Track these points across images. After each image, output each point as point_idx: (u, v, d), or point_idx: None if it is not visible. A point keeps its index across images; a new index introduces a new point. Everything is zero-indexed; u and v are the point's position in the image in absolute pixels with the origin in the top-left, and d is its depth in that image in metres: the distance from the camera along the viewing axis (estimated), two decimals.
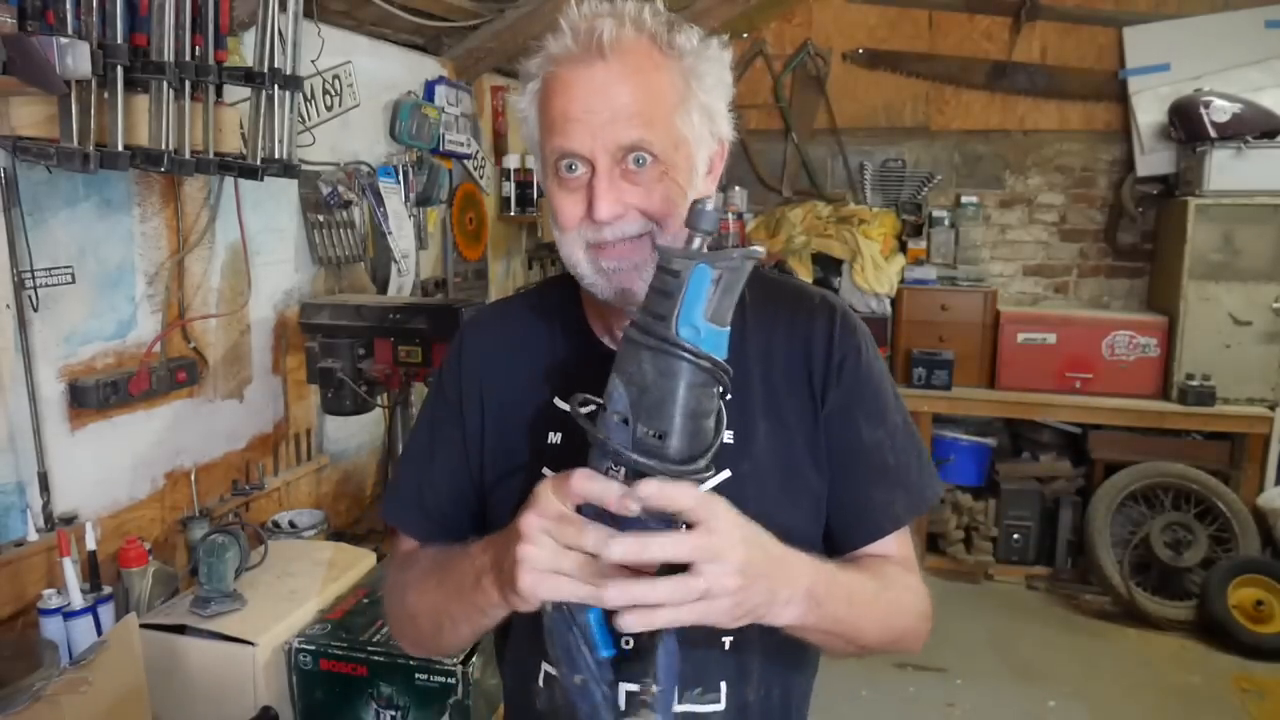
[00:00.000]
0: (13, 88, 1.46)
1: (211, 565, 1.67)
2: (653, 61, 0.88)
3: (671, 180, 0.89)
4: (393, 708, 1.55)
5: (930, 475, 1.04)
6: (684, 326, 0.70)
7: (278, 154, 1.98)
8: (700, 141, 0.92)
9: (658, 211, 0.89)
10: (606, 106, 0.86)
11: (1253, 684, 3.21)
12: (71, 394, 1.77)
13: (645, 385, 0.71)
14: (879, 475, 0.99)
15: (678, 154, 0.89)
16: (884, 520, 0.99)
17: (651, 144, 0.87)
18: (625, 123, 0.86)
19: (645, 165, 0.88)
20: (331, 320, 2.27)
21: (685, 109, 0.90)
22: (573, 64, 0.88)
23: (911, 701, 3.09)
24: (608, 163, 0.87)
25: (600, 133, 0.86)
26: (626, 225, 0.89)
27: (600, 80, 0.86)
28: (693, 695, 0.95)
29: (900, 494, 1.00)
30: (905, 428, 1.02)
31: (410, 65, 3.06)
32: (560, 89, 0.88)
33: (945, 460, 4.14)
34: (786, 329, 1.00)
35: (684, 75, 0.90)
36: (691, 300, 0.70)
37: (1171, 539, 3.67)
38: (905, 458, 1.01)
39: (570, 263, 0.93)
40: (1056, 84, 4.27)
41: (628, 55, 0.87)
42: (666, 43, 0.89)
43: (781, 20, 4.53)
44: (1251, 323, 3.70)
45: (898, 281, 4.12)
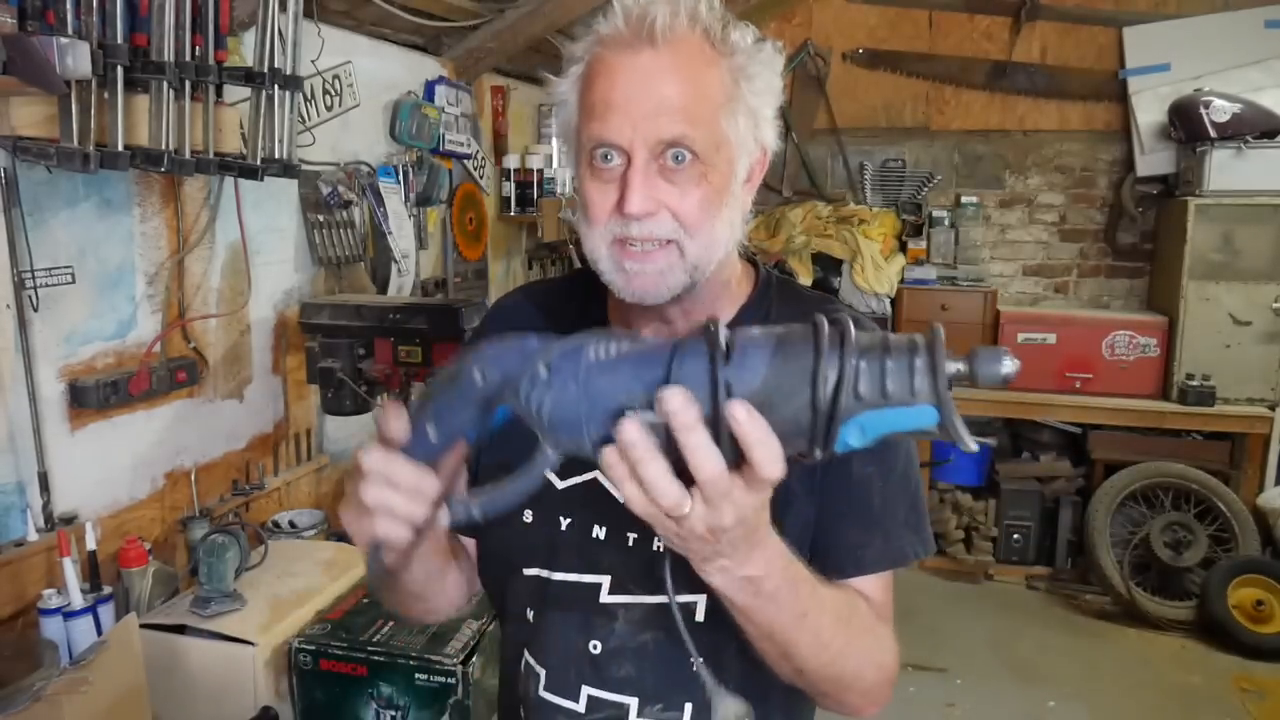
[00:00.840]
0: (13, 88, 1.46)
1: (211, 565, 1.67)
2: (704, 56, 0.85)
3: (709, 184, 0.86)
4: (393, 708, 1.55)
5: (917, 532, 0.96)
6: (853, 430, 0.60)
7: (278, 154, 1.98)
8: (743, 145, 0.89)
9: (690, 217, 0.86)
10: (651, 97, 0.83)
11: (1253, 684, 3.21)
12: (71, 394, 1.77)
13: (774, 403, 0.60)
14: (858, 514, 0.93)
15: (719, 155, 0.86)
16: (848, 562, 0.93)
17: (694, 141, 0.83)
18: (669, 116, 0.83)
19: (684, 163, 0.84)
20: (331, 320, 2.27)
21: (731, 109, 0.86)
22: (620, 48, 0.84)
23: (911, 701, 3.09)
24: (645, 155, 0.84)
25: (641, 123, 0.83)
26: (656, 225, 0.85)
27: (647, 68, 0.83)
28: (653, 710, 0.94)
29: (877, 540, 0.93)
30: (904, 475, 0.95)
31: (410, 65, 3.06)
32: (604, 73, 0.85)
33: (945, 460, 4.14)
34: None
35: (734, 74, 0.86)
36: (891, 420, 0.59)
37: (1171, 539, 3.67)
38: (893, 505, 0.94)
39: (593, 257, 0.90)
40: (1056, 84, 4.27)
41: (679, 46, 0.84)
42: (720, 38, 0.86)
43: (781, 20, 4.53)
44: (1251, 323, 3.70)
45: (898, 281, 4.12)
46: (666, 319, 0.94)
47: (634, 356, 0.64)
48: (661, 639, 0.93)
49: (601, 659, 0.95)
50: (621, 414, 0.62)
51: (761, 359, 0.60)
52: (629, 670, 0.94)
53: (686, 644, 0.78)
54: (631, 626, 0.93)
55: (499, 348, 0.69)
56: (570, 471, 0.95)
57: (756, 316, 0.97)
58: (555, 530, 0.96)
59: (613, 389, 0.63)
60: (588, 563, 0.95)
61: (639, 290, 0.88)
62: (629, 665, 0.94)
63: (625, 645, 0.94)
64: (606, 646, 0.94)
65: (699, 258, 0.87)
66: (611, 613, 0.94)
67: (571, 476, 0.96)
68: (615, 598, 0.94)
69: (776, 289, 1.01)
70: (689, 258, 0.87)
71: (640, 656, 0.94)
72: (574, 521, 0.96)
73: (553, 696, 0.97)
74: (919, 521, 0.97)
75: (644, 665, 0.94)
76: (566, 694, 0.96)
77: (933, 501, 4.15)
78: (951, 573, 4.09)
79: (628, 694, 0.94)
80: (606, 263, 0.89)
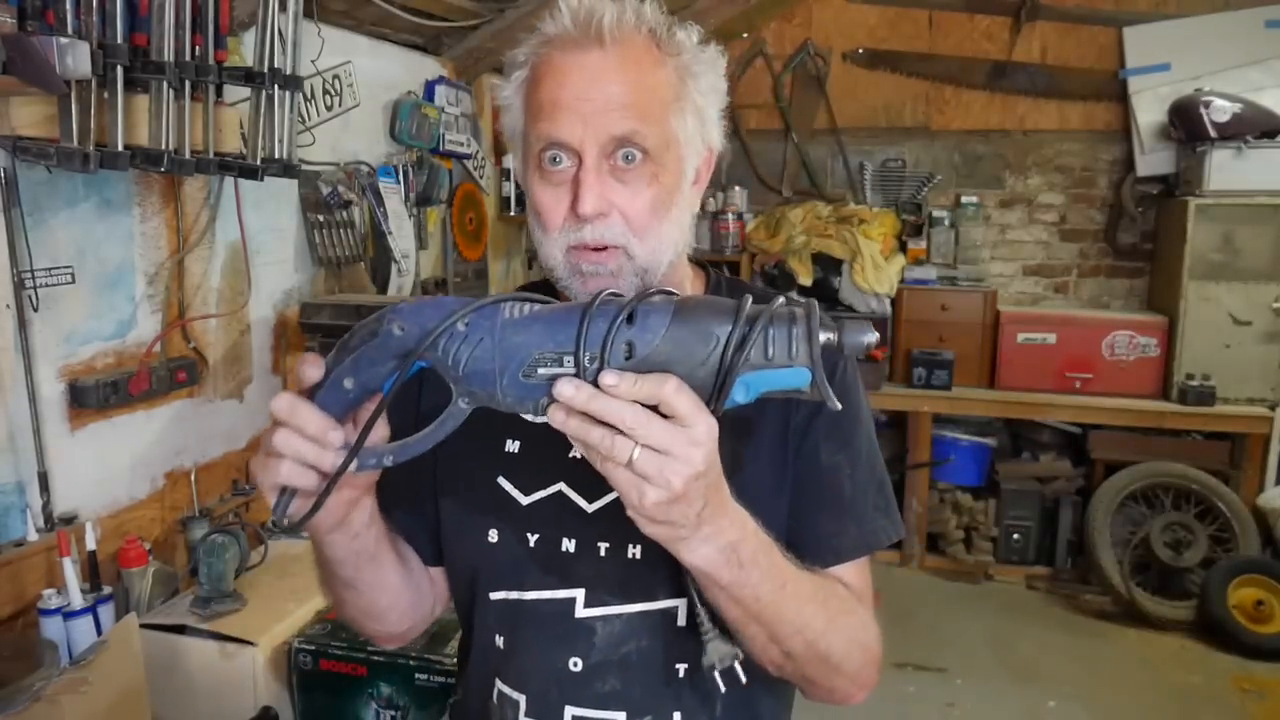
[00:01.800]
0: (13, 88, 1.46)
1: (211, 565, 1.67)
2: (651, 55, 0.85)
3: (660, 184, 0.86)
4: (393, 708, 1.55)
5: (887, 515, 0.97)
6: (739, 388, 0.67)
7: (278, 154, 1.98)
8: (690, 145, 0.89)
9: (640, 219, 0.85)
10: (600, 94, 0.82)
11: (1253, 684, 3.20)
12: (71, 394, 1.77)
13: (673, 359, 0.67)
14: (831, 503, 0.93)
15: (669, 154, 0.86)
16: (826, 551, 0.93)
17: (645, 139, 0.83)
18: (619, 113, 0.82)
19: (635, 162, 0.84)
20: (331, 320, 2.27)
21: (680, 108, 0.86)
22: (567, 48, 0.83)
23: (911, 701, 3.09)
24: (596, 155, 0.83)
25: (591, 121, 0.82)
26: (608, 229, 0.85)
27: (596, 67, 0.82)
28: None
29: (850, 527, 0.94)
30: (869, 460, 0.96)
31: (410, 65, 3.06)
32: (551, 73, 0.84)
33: (945, 460, 4.14)
34: None
35: (680, 74, 0.86)
36: (771, 380, 0.67)
37: (1171, 539, 3.67)
38: (864, 491, 0.95)
39: (548, 265, 0.89)
40: (1056, 84, 4.27)
41: (626, 45, 0.83)
42: (666, 38, 0.86)
43: (781, 20, 4.53)
44: (1251, 323, 3.70)
45: (898, 281, 4.11)
46: None
47: (547, 316, 0.69)
48: (645, 648, 0.91)
49: (583, 676, 0.92)
50: (534, 368, 0.68)
51: (661, 322, 0.67)
52: (614, 684, 0.92)
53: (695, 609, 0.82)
54: (612, 638, 0.91)
55: (419, 304, 0.73)
56: (534, 487, 0.94)
57: None
58: (523, 548, 0.93)
59: (525, 344, 0.68)
60: (560, 578, 0.92)
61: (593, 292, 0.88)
62: (613, 679, 0.92)
63: (607, 659, 0.91)
64: (588, 662, 0.92)
65: (647, 260, 0.87)
66: (590, 626, 0.91)
67: (536, 492, 0.94)
68: (592, 610, 0.91)
69: (727, 289, 1.01)
70: (637, 260, 0.87)
71: (624, 668, 0.91)
72: (541, 537, 0.93)
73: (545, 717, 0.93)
74: (888, 505, 0.98)
75: (628, 677, 0.92)
76: (549, 718, 0.93)
77: (933, 501, 4.15)
78: (951, 573, 4.09)
79: (614, 709, 0.92)
80: (563, 269, 0.88)
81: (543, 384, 0.69)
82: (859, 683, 0.92)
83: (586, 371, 0.67)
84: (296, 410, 0.73)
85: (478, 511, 0.95)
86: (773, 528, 0.88)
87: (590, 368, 0.67)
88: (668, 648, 0.91)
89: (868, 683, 0.93)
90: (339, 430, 0.74)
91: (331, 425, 0.73)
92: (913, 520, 4.11)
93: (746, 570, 0.77)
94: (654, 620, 0.91)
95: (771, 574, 0.79)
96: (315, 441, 0.73)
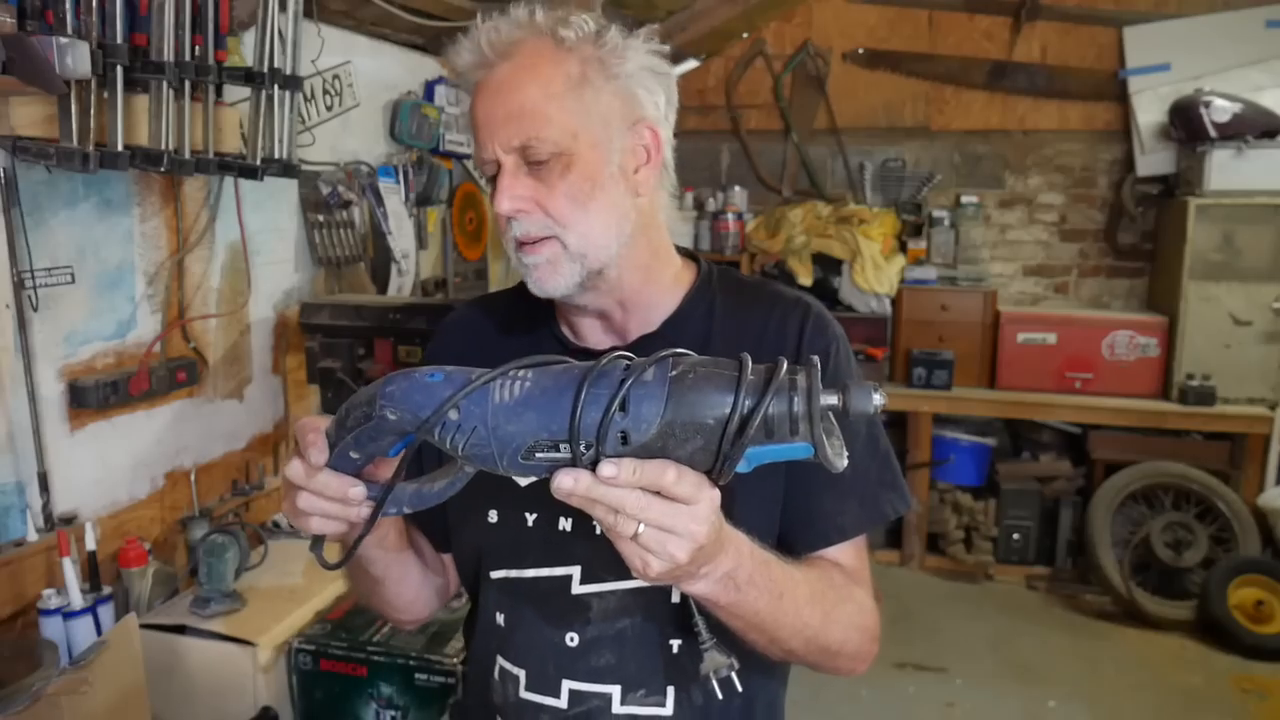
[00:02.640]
0: (13, 88, 1.46)
1: (211, 565, 1.67)
2: (544, 56, 0.89)
3: (576, 173, 0.89)
4: (393, 708, 1.55)
5: (893, 490, 1.00)
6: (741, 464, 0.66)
7: (278, 154, 1.98)
8: (609, 128, 0.91)
9: (560, 209, 0.90)
10: (501, 106, 0.89)
11: (1253, 684, 3.20)
12: (71, 394, 1.77)
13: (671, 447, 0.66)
14: (831, 483, 0.94)
15: (578, 143, 0.89)
16: (830, 530, 0.97)
17: (542, 140, 0.88)
18: (515, 122, 0.88)
19: (544, 161, 0.89)
20: (331, 320, 2.27)
21: (580, 95, 0.89)
22: (480, 70, 0.90)
23: (911, 701, 3.09)
24: (511, 161, 0.89)
25: (498, 133, 0.89)
26: (530, 223, 0.90)
27: (498, 82, 0.89)
28: (637, 697, 0.95)
29: (852, 505, 0.97)
30: (869, 437, 0.99)
31: (410, 65, 3.06)
32: (474, 96, 0.92)
33: (945, 460, 4.14)
34: (758, 330, 0.98)
35: (581, 63, 0.90)
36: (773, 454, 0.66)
37: (1171, 539, 3.67)
38: (864, 468, 0.98)
39: (515, 264, 0.96)
40: (1056, 84, 4.27)
41: (523, 54, 0.89)
42: (559, 36, 0.90)
43: (781, 20, 4.52)
44: (1251, 323, 3.70)
45: (898, 281, 4.11)
46: (606, 316, 0.98)
47: (539, 399, 0.68)
48: (639, 623, 0.94)
49: (579, 650, 0.95)
50: (531, 453, 0.68)
51: (655, 410, 0.65)
52: (609, 659, 0.95)
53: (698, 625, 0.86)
54: (607, 614, 0.94)
55: (405, 386, 0.73)
56: None
57: (700, 308, 1.00)
58: (521, 528, 0.97)
59: (520, 434, 0.68)
60: (557, 555, 0.96)
61: (540, 282, 0.93)
62: (608, 654, 0.95)
63: (603, 634, 0.95)
64: (584, 637, 0.95)
65: (582, 247, 0.91)
66: (585, 603, 0.95)
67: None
68: (588, 587, 0.95)
69: (718, 279, 1.04)
70: (571, 249, 0.91)
71: (619, 643, 0.95)
72: (540, 517, 0.97)
73: (534, 695, 0.98)
74: (894, 478, 1.01)
75: (623, 652, 0.95)
76: (547, 691, 0.97)
77: (933, 501, 4.15)
78: (951, 573, 4.09)
79: (609, 683, 0.95)
80: (516, 262, 0.95)
81: (543, 464, 0.69)
82: (859, 658, 0.95)
83: (584, 458, 0.67)
84: (313, 477, 0.77)
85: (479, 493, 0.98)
86: (771, 504, 0.95)
87: (587, 454, 0.67)
88: (662, 624, 0.94)
89: (868, 656, 0.96)
90: (359, 485, 0.77)
91: (350, 482, 0.77)
92: (913, 520, 4.11)
93: (744, 591, 0.80)
94: (648, 596, 0.94)
95: (768, 589, 0.82)
96: (338, 501, 0.78)
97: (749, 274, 4.23)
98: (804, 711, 3.19)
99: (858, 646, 0.94)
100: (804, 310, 1.00)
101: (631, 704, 0.95)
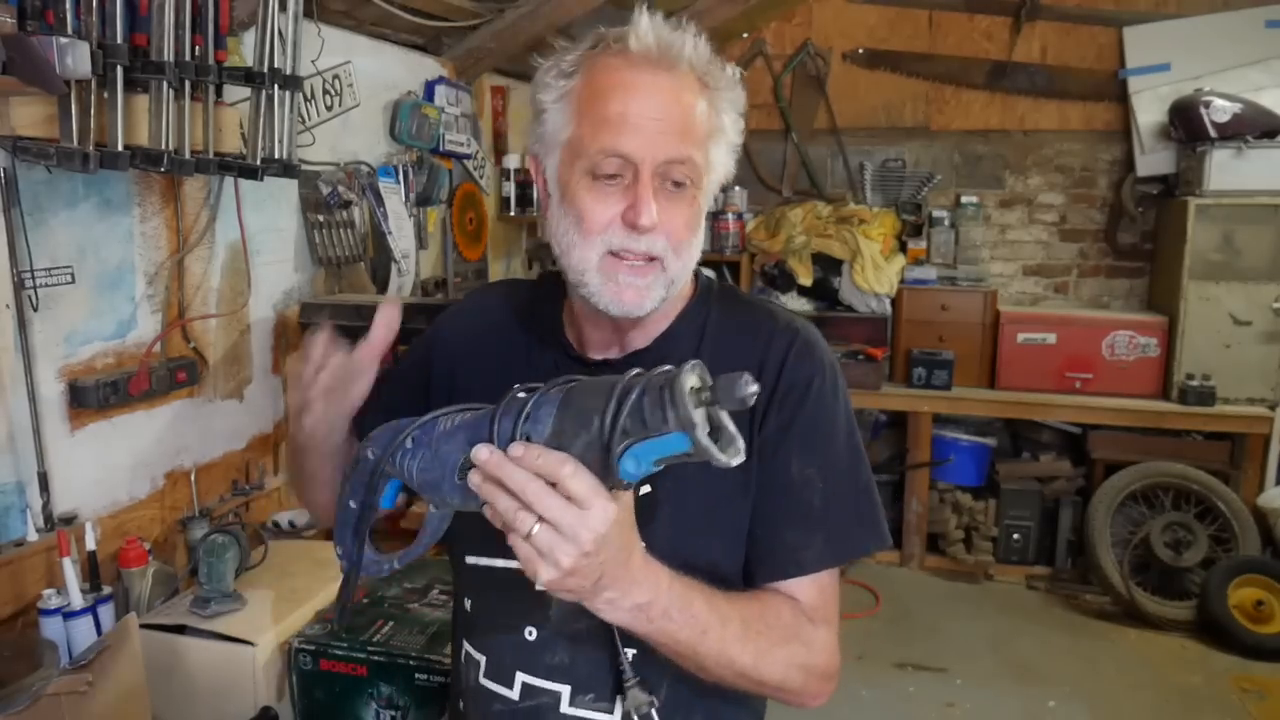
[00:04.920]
0: (13, 88, 1.46)
1: (211, 565, 1.67)
2: (700, 89, 0.90)
3: (696, 205, 0.92)
4: (393, 708, 1.55)
5: (867, 527, 0.97)
6: (629, 460, 0.69)
7: (278, 154, 1.98)
8: (718, 174, 0.94)
9: (679, 235, 0.90)
10: (666, 115, 0.87)
11: (1253, 684, 3.20)
12: (71, 394, 1.77)
13: (565, 444, 0.71)
14: (799, 515, 0.94)
15: (704, 180, 0.92)
16: (788, 563, 0.94)
17: (696, 164, 0.89)
18: (679, 136, 0.88)
19: (683, 183, 0.90)
20: (331, 320, 2.26)
21: (717, 140, 0.92)
22: (640, 66, 0.88)
23: (911, 701, 3.09)
24: (651, 171, 0.88)
25: (655, 139, 0.87)
26: (654, 241, 0.89)
27: (666, 89, 0.88)
28: (584, 700, 0.96)
29: (818, 539, 0.94)
30: (850, 473, 0.97)
31: (410, 65, 3.06)
32: (619, 86, 0.88)
33: (945, 460, 4.14)
34: (744, 353, 0.97)
35: (717, 108, 0.92)
36: (658, 449, 0.68)
37: (1171, 539, 3.67)
38: (838, 503, 0.95)
39: (579, 268, 0.91)
40: (1056, 84, 4.27)
41: (688, 75, 0.89)
42: (712, 74, 0.91)
43: (781, 20, 4.53)
44: (1251, 323, 3.70)
45: (898, 281, 4.11)
46: (620, 329, 0.97)
47: (471, 422, 0.78)
48: (595, 628, 0.93)
49: (536, 645, 0.96)
50: (464, 471, 0.76)
51: (549, 412, 0.72)
52: (562, 658, 0.96)
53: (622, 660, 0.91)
54: (566, 614, 0.94)
55: (381, 430, 0.86)
56: None
57: (692, 326, 1.00)
58: None
59: (454, 451, 0.77)
60: None
61: (629, 303, 0.91)
62: (562, 652, 0.96)
63: (559, 631, 0.96)
64: (541, 633, 0.96)
65: (677, 274, 0.92)
66: (546, 600, 0.94)
67: None
68: None
69: (716, 297, 1.04)
70: (669, 273, 0.91)
71: (574, 645, 0.95)
72: None
73: (490, 683, 1.00)
74: (872, 514, 0.98)
75: (577, 654, 0.95)
76: (502, 681, 0.99)
77: (933, 501, 4.15)
78: (951, 573, 4.09)
79: (560, 682, 0.96)
80: (595, 275, 0.91)
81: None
82: (807, 695, 0.94)
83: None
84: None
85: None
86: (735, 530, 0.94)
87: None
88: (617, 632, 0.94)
89: (819, 694, 0.95)
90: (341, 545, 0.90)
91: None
92: (913, 520, 4.11)
93: (659, 624, 0.81)
94: None
95: (689, 624, 0.82)
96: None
97: (756, 283, 4.26)
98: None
99: (802, 685, 0.92)
100: (791, 336, 0.98)
101: (579, 706, 0.96)
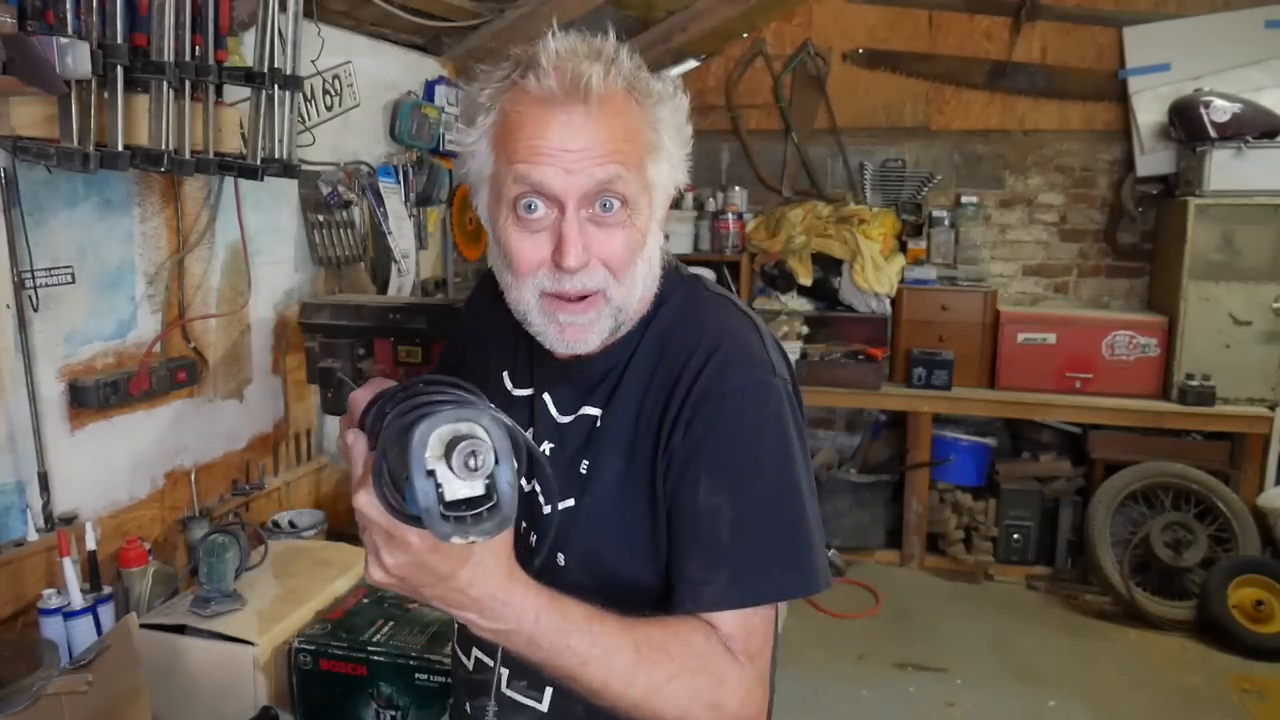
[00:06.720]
0: (13, 88, 1.46)
1: (211, 565, 1.67)
2: (629, 108, 0.87)
3: (634, 227, 0.88)
4: (393, 708, 1.55)
5: (788, 568, 0.87)
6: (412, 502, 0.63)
7: (278, 154, 1.98)
8: (662, 190, 0.92)
9: (617, 261, 0.88)
10: (582, 144, 0.84)
11: (1253, 684, 3.20)
12: (71, 394, 1.77)
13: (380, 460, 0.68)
14: (701, 547, 0.87)
15: (643, 198, 0.89)
16: (686, 598, 0.86)
17: (625, 185, 0.86)
18: (602, 159, 0.84)
19: (613, 210, 0.86)
20: (331, 320, 2.27)
21: (655, 157, 0.90)
22: (551, 104, 0.84)
23: (911, 701, 3.09)
24: (575, 205, 0.85)
25: (573, 170, 0.84)
26: (589, 277, 0.87)
27: (580, 122, 0.84)
28: (518, 686, 0.99)
29: (721, 576, 0.85)
30: (774, 506, 0.87)
31: (410, 65, 3.06)
32: (530, 122, 0.85)
33: (945, 460, 4.14)
34: (669, 364, 0.93)
35: (653, 124, 0.89)
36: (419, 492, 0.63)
37: (1171, 539, 3.67)
38: (750, 538, 0.86)
39: (520, 309, 0.91)
40: (1056, 84, 4.27)
41: (608, 101, 0.85)
42: (643, 90, 0.88)
43: (781, 20, 4.52)
44: (1251, 323, 3.70)
45: (898, 281, 4.11)
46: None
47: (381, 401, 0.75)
48: None
49: None
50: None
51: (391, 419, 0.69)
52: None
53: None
54: None
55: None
56: None
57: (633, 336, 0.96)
58: None
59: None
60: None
61: (573, 341, 0.90)
62: None
63: None
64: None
65: (623, 301, 0.90)
66: None
67: None
68: None
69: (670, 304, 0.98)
70: (614, 302, 0.89)
71: None
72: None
73: (459, 651, 1.07)
74: (797, 555, 0.87)
75: None
76: (464, 651, 1.05)
77: (933, 501, 4.15)
78: (951, 573, 4.09)
79: (500, 663, 0.98)
80: (536, 315, 0.90)
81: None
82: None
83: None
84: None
85: None
86: (652, 546, 0.91)
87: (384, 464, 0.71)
88: None
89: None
90: None
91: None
92: (913, 520, 4.11)
93: (525, 651, 0.78)
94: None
95: (562, 655, 0.78)
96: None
97: (755, 284, 4.23)
98: (804, 711, 3.19)
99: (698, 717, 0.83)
100: (712, 352, 0.91)
101: (514, 690, 0.98)
